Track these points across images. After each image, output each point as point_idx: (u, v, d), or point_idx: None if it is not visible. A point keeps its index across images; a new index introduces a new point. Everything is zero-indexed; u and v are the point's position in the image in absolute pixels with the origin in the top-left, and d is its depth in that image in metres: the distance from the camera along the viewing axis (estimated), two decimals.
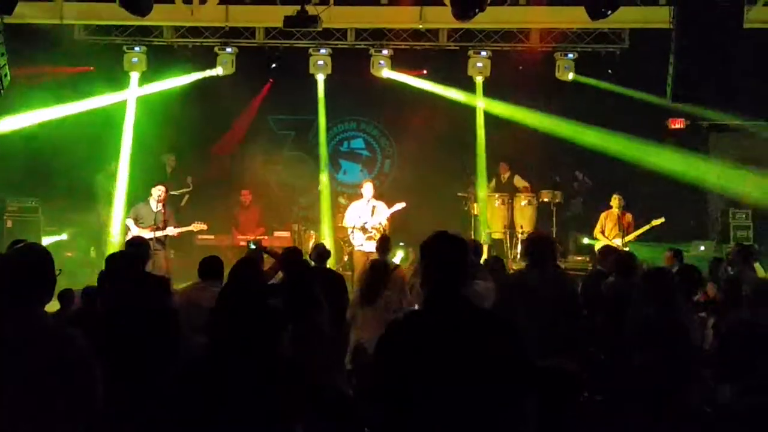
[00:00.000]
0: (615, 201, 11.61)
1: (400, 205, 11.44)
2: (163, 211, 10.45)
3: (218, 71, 12.91)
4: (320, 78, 13.29)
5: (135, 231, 10.20)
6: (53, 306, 6.31)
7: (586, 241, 12.62)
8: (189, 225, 10.96)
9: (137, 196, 11.63)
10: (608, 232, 11.56)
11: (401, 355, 2.99)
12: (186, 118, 13.08)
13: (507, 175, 13.38)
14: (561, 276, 6.13)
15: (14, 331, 3.04)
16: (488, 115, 13.24)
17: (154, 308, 4.76)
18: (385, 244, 8.34)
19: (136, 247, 6.90)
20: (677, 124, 13.41)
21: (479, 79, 13.14)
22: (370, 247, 11.05)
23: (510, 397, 2.94)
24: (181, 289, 6.55)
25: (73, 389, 3.03)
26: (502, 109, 13.18)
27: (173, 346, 4.64)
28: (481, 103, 13.23)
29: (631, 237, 11.46)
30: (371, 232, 11.16)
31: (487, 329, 3.02)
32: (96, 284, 6.08)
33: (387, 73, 13.08)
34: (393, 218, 11.49)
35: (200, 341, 4.63)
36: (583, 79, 12.86)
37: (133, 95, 12.88)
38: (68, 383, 3.02)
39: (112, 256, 6.29)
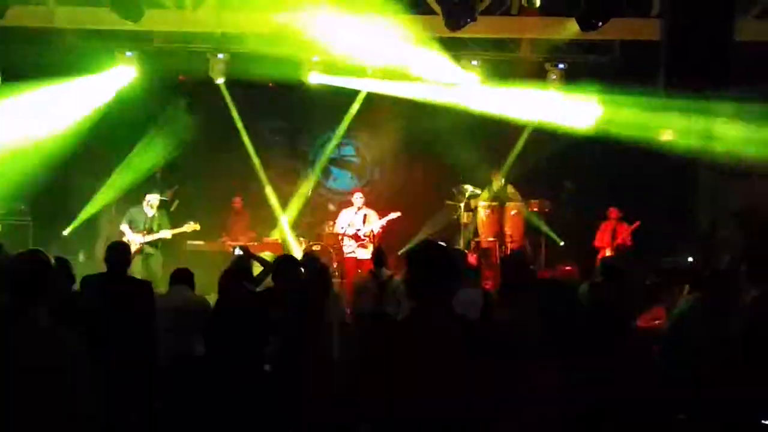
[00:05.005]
0: (613, 213, 11.85)
1: (394, 215, 11.37)
2: (156, 215, 10.58)
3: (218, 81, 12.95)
4: None
5: (130, 235, 10.30)
6: None
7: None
8: (181, 226, 11.01)
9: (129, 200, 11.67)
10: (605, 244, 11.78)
11: (383, 366, 2.97)
12: (177, 123, 13.10)
13: (500, 183, 13.33)
14: None
15: (16, 333, 3.21)
16: (478, 124, 13.26)
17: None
18: (380, 258, 8.20)
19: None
20: (668, 135, 13.40)
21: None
22: (362, 254, 11.04)
23: (493, 411, 2.92)
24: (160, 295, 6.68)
25: (67, 388, 3.18)
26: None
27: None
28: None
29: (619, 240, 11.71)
30: (363, 239, 11.15)
31: (473, 342, 2.98)
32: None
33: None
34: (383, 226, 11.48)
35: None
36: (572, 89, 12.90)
37: None
38: (63, 382, 3.17)
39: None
